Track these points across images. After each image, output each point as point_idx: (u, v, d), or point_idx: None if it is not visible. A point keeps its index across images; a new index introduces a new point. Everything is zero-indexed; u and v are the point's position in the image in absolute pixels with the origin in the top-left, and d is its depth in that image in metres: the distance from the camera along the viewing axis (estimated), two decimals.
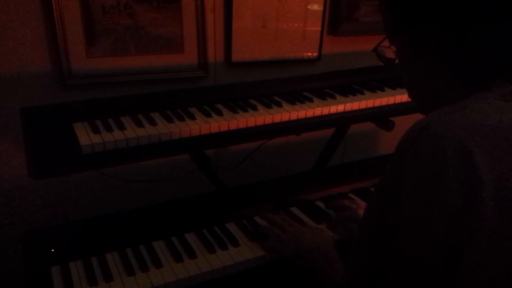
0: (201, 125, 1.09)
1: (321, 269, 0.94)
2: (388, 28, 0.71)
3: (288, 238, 1.05)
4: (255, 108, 1.20)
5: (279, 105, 1.23)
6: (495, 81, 0.61)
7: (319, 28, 1.70)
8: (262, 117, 1.16)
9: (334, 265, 0.93)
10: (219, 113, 1.16)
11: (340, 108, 1.26)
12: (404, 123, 0.92)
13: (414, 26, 0.65)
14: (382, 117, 1.35)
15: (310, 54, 1.73)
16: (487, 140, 0.53)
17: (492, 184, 0.52)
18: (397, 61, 0.73)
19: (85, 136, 1.02)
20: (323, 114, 1.23)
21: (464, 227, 0.52)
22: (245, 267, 1.04)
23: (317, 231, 1.09)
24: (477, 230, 0.52)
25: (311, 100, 1.27)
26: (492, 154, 0.53)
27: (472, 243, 0.52)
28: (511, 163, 0.53)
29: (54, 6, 1.29)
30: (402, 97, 1.35)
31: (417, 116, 0.63)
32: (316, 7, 1.67)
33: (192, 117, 1.13)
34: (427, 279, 0.55)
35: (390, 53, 0.76)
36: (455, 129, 0.54)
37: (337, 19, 1.73)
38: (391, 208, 0.58)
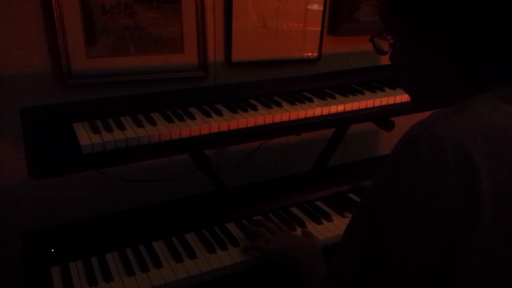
0: (201, 125, 1.09)
1: (303, 268, 0.93)
2: (387, 17, 0.68)
3: (275, 239, 1.05)
4: (255, 108, 1.20)
5: (279, 105, 1.23)
6: (497, 82, 0.60)
7: (319, 28, 1.70)
8: (262, 117, 1.16)
9: (318, 266, 0.92)
10: (219, 113, 1.16)
11: (340, 108, 1.26)
12: (404, 123, 0.92)
13: (423, 22, 0.63)
14: (382, 117, 1.35)
15: (310, 54, 1.73)
16: (488, 144, 0.53)
17: (492, 189, 0.51)
18: (389, 52, 0.71)
19: (85, 136, 1.02)
20: (323, 114, 1.24)
21: (462, 231, 0.51)
22: (245, 267, 1.04)
23: (306, 237, 1.09)
24: (475, 235, 0.51)
25: (311, 100, 1.27)
26: (492, 158, 0.52)
27: (470, 248, 0.52)
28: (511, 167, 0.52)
29: (54, 6, 1.29)
30: (402, 97, 1.35)
31: (418, 116, 0.63)
32: (316, 7, 1.67)
33: (192, 117, 1.13)
34: (421, 283, 0.54)
35: (386, 45, 0.72)
36: (456, 132, 0.53)
37: (337, 19, 1.73)
38: (385, 210, 0.57)
